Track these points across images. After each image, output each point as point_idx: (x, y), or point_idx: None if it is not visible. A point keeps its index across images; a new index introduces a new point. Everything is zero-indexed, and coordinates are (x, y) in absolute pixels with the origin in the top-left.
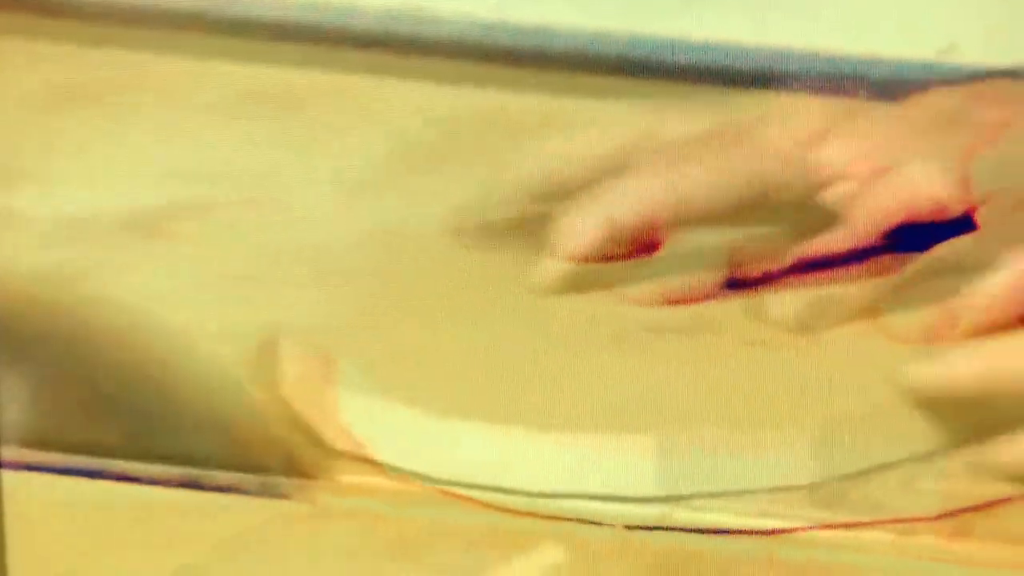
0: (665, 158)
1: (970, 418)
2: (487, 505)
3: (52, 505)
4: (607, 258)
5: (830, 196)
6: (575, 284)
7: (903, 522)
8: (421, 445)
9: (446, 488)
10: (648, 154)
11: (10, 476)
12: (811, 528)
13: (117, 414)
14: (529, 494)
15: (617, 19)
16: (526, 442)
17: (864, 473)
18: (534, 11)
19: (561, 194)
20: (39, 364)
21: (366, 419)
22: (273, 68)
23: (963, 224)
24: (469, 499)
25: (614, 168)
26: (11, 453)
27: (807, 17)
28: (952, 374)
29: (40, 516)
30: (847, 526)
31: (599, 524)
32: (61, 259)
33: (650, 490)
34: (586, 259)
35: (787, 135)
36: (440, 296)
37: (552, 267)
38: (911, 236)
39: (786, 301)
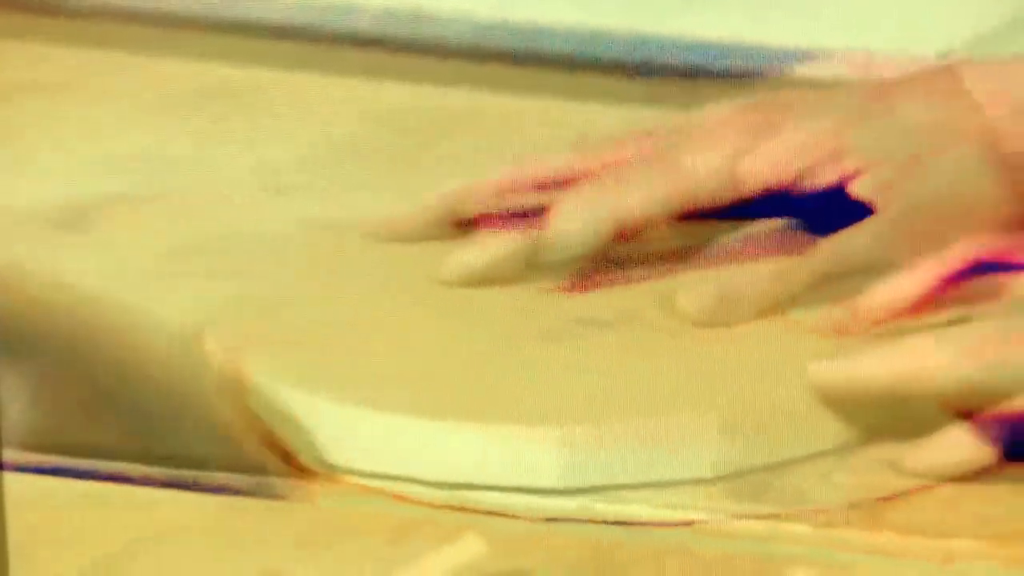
0: (606, 173)
1: (882, 415)
2: (402, 497)
3: (52, 507)
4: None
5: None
6: (494, 278)
7: (813, 512)
8: (342, 436)
9: (365, 480)
10: (592, 169)
11: (11, 478)
12: (727, 519)
13: (116, 415)
14: (438, 485)
15: (617, 19)
16: (435, 433)
17: (774, 467)
18: (532, 11)
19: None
20: (38, 365)
21: (283, 410)
22: (212, 64)
23: (837, 193)
24: (383, 491)
25: (559, 183)
26: (12, 455)
27: (808, 17)
28: (861, 375)
29: (40, 518)
30: (757, 516)
31: (520, 517)
32: None
33: (554, 482)
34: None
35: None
36: (366, 289)
37: (464, 262)
38: (787, 204)
39: (698, 295)
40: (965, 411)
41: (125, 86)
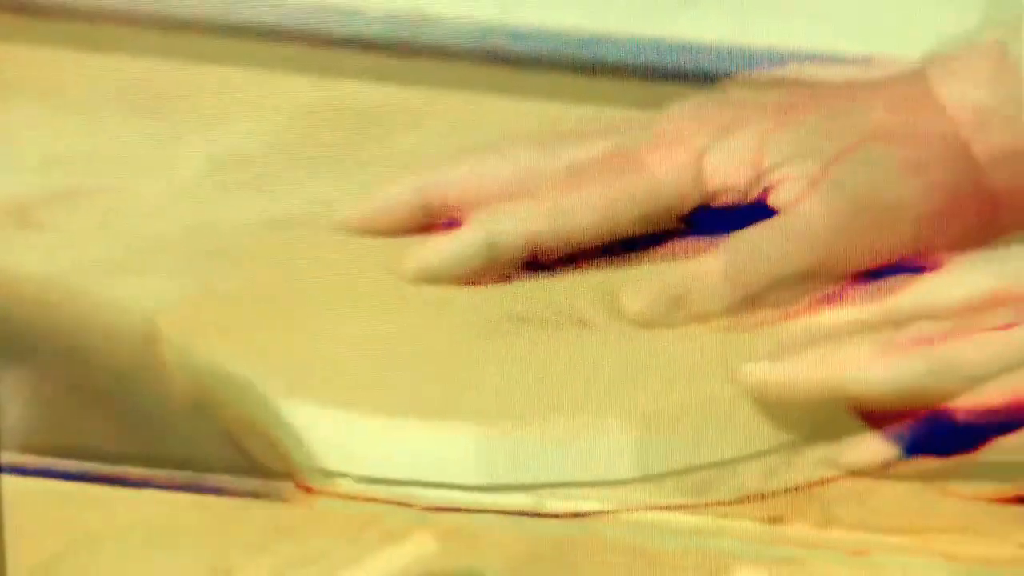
0: (554, 184)
1: (813, 417)
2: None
3: (51, 509)
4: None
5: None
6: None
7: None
8: (296, 433)
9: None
10: (539, 179)
11: (10, 480)
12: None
13: (115, 418)
14: (365, 480)
15: (617, 22)
16: (362, 427)
17: (706, 467)
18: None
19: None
20: (37, 368)
21: (237, 405)
22: (159, 61)
23: (760, 208)
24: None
25: (506, 192)
26: (11, 458)
27: (808, 19)
28: (796, 377)
29: (40, 520)
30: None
31: (470, 512)
32: None
33: (471, 478)
34: (454, 280)
35: (673, 155)
36: (308, 284)
37: (423, 258)
38: (712, 220)
39: (641, 295)
40: (868, 413)
41: (71, 83)
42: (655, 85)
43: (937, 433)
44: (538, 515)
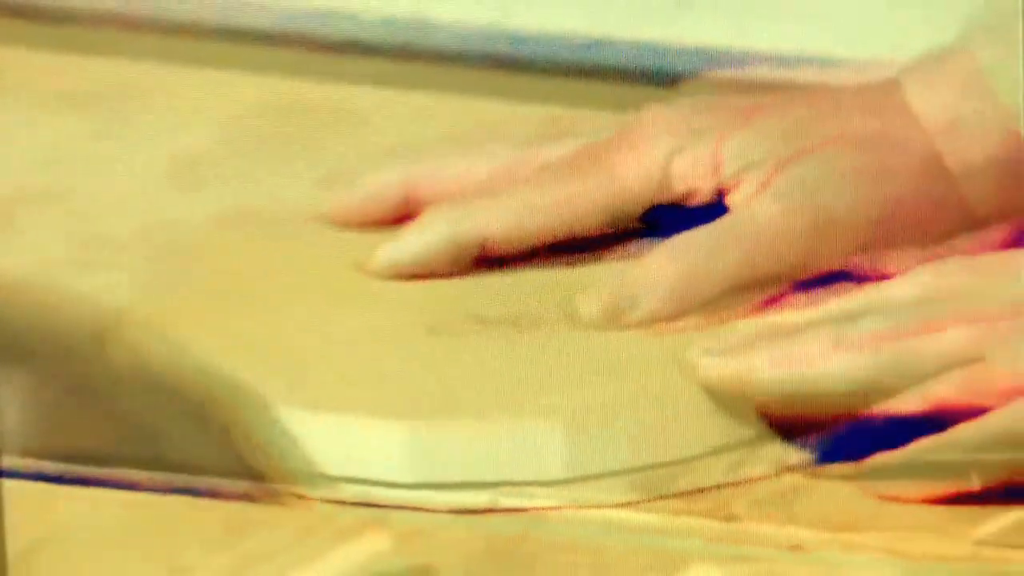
0: (522, 182)
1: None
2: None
3: (52, 513)
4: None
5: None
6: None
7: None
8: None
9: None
10: (514, 178)
11: (10, 485)
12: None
13: (115, 421)
14: (308, 476)
15: (616, 25)
16: (304, 423)
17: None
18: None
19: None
20: (37, 371)
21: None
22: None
23: (720, 209)
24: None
25: (480, 188)
26: (11, 462)
27: (805, 23)
28: (753, 373)
29: (40, 524)
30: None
31: (425, 510)
32: None
33: (405, 476)
34: (414, 274)
35: (641, 158)
36: (268, 279)
37: (392, 253)
38: (674, 220)
39: (592, 301)
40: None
41: (28, 83)
42: (654, 89)
43: (857, 435)
44: (491, 511)
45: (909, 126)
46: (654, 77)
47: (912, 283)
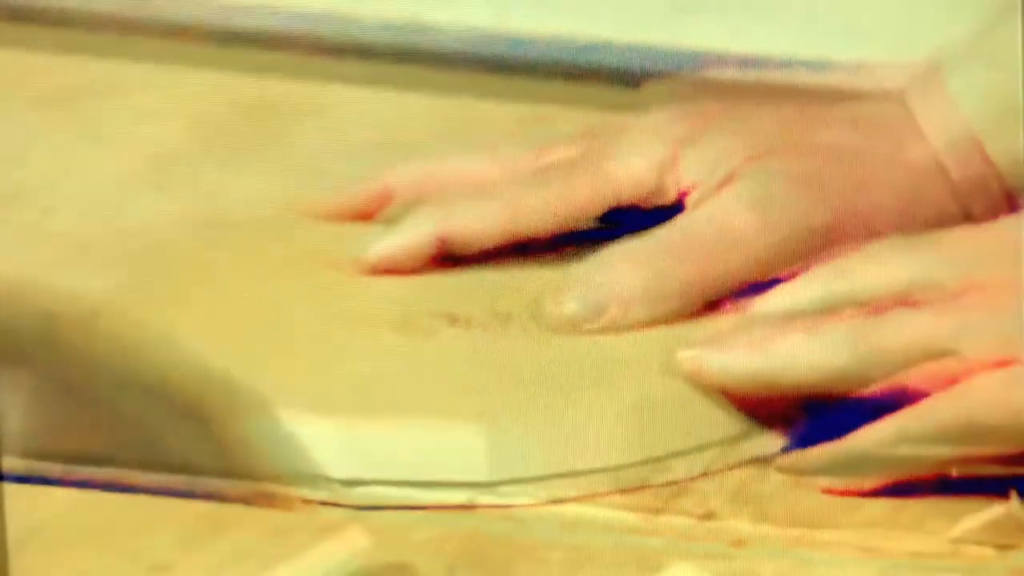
0: (515, 183)
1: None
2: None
3: (53, 515)
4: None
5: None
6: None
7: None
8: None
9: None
10: (502, 178)
11: (11, 487)
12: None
13: (115, 423)
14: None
15: (611, 28)
16: (263, 420)
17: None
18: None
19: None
20: (37, 374)
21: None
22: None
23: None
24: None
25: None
26: (12, 464)
27: (802, 26)
28: (734, 365)
29: (41, 526)
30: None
31: (404, 508)
32: None
33: (334, 472)
34: (401, 269)
35: (636, 162)
36: (243, 276)
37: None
38: (631, 220)
39: (561, 304)
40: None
41: (0, 82)
42: (650, 91)
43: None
44: (466, 508)
45: (915, 142)
46: (650, 80)
47: (883, 270)
